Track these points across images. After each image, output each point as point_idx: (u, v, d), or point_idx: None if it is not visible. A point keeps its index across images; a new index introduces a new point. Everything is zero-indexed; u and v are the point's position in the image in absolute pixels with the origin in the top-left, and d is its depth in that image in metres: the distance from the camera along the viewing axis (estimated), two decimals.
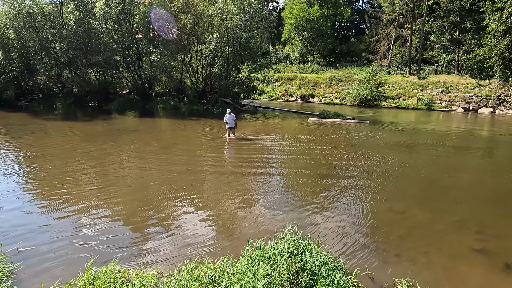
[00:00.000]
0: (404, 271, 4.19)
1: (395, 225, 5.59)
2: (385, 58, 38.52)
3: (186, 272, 3.63)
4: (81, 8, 21.43)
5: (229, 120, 12.25)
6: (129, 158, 9.70)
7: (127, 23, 21.70)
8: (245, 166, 9.07)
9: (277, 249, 3.94)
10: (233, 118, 12.29)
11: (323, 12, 39.53)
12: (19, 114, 19.81)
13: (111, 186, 7.25)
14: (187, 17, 21.40)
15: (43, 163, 8.96)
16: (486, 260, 4.55)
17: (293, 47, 45.10)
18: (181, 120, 18.13)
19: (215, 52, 21.75)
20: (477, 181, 8.26)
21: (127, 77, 24.91)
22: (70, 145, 11.27)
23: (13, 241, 4.74)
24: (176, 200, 6.51)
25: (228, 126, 12.42)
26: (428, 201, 6.73)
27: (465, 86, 27.76)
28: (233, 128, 12.47)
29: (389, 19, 35.45)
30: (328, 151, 10.89)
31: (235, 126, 12.53)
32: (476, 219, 5.89)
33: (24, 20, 20.83)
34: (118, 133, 13.82)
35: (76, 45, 21.62)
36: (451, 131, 15.92)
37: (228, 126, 12.43)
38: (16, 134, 13.36)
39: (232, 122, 12.31)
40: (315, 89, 33.73)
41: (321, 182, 7.68)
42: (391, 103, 28.42)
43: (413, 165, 9.54)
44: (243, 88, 25.70)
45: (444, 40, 32.51)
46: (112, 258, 4.24)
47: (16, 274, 4.02)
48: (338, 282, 3.48)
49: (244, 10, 22.54)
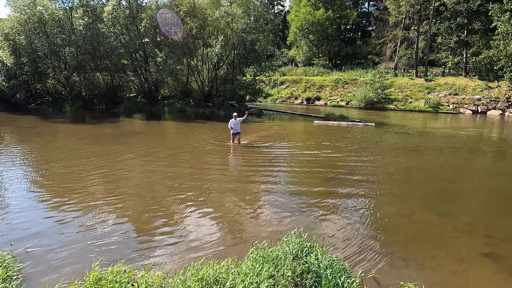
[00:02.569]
0: (411, 274, 4.14)
1: (402, 228, 5.54)
2: (392, 61, 38.26)
3: (191, 273, 3.65)
4: (90, 13, 21.85)
5: (235, 125, 11.45)
6: (135, 160, 9.81)
7: (135, 27, 22.04)
8: (250, 170, 9.09)
9: (281, 251, 3.93)
10: (239, 123, 11.53)
11: (328, 15, 39.52)
12: (29, 116, 20.21)
13: (118, 187, 7.34)
14: (193, 20, 21.63)
15: (51, 165, 9.12)
16: (495, 264, 4.47)
17: (298, 50, 45.12)
18: (187, 123, 18.26)
19: (221, 55, 21.90)
20: (485, 185, 8.13)
21: (134, 81, 25.24)
22: (79, 147, 11.44)
23: (22, 241, 4.83)
24: (182, 202, 6.55)
25: (232, 132, 11.60)
26: (436, 204, 6.65)
27: (473, 88, 27.38)
28: (237, 134, 11.70)
29: (395, 21, 35.22)
30: (333, 154, 10.84)
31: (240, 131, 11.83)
32: (485, 223, 5.79)
33: (35, 25, 21.31)
34: (125, 136, 13.99)
35: (85, 49, 22.00)
36: (459, 134, 15.70)
37: (232, 132, 11.62)
38: (26, 137, 13.63)
39: (237, 127, 11.55)
40: (321, 91, 33.66)
41: (326, 185, 7.64)
42: (397, 105, 28.18)
43: (421, 168, 9.43)
44: (248, 91, 25.78)
45: (451, 42, 32.15)
46: (118, 259, 4.29)
47: (25, 273, 4.09)
48: (342, 284, 3.46)
49: (249, 13, 22.68)
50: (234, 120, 11.41)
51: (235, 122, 11.41)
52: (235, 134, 11.60)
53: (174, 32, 21.48)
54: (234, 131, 11.54)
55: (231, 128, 11.49)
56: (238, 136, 11.70)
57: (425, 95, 28.23)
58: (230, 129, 11.60)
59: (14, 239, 4.89)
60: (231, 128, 11.47)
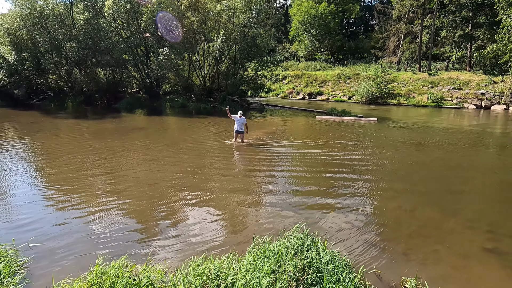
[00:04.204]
0: (413, 269, 4.13)
1: (403, 223, 5.51)
2: (395, 55, 37.87)
3: (192, 268, 3.65)
4: (91, 8, 21.73)
5: (238, 123, 10.95)
6: (137, 155, 9.82)
7: (136, 22, 21.91)
8: (251, 166, 9.09)
9: (282, 246, 3.93)
10: (243, 122, 10.96)
11: (331, 9, 39.11)
12: (31, 112, 20.26)
13: (120, 183, 7.35)
14: (194, 15, 21.46)
15: (53, 160, 9.15)
16: (498, 260, 4.44)
17: (300, 45, 44.77)
18: (189, 118, 18.24)
19: (222, 50, 21.76)
20: (489, 180, 8.07)
21: (136, 76, 25.18)
22: (81, 143, 11.46)
23: (24, 236, 4.85)
24: (183, 198, 6.56)
25: (236, 130, 11.10)
26: (438, 199, 6.61)
27: (477, 83, 27.09)
28: (241, 133, 11.17)
29: (399, 14, 34.75)
30: (335, 149, 10.80)
31: (245, 131, 11.19)
32: (488, 218, 5.75)
33: (36, 20, 21.21)
34: (127, 131, 14.00)
35: (86, 44, 21.93)
36: (462, 129, 15.58)
37: (236, 130, 11.11)
38: (28, 132, 13.66)
39: (241, 126, 11.01)
40: (323, 86, 33.45)
41: (328, 180, 7.62)
42: (400, 100, 27.98)
43: (423, 163, 9.38)
44: (250, 86, 25.66)
45: (455, 36, 31.73)
46: (121, 254, 4.30)
47: (28, 268, 4.12)
48: (344, 279, 3.45)
49: (251, 7, 22.45)
50: (238, 117, 10.94)
51: (239, 119, 10.93)
52: (238, 132, 11.17)
53: (174, 31, 21.33)
54: (238, 129, 11.11)
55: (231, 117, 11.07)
56: (241, 135, 11.25)
57: (428, 90, 27.97)
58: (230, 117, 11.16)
59: (16, 234, 4.91)
60: (233, 119, 11.01)
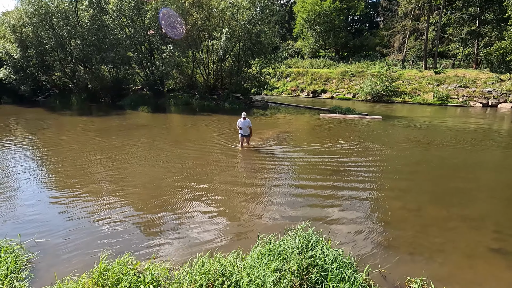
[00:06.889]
0: (418, 269, 4.10)
1: (408, 223, 5.47)
2: (400, 52, 37.44)
3: (197, 266, 3.66)
4: (95, 5, 21.77)
5: (243, 126, 10.30)
6: (141, 153, 9.86)
7: (140, 19, 21.91)
8: (256, 165, 9.08)
9: (287, 245, 3.92)
10: (248, 125, 10.32)
11: (336, 6, 38.71)
12: (36, 109, 20.44)
13: (125, 180, 7.39)
14: (198, 12, 21.40)
15: (59, 157, 9.22)
16: (504, 260, 4.40)
17: (304, 42, 44.44)
18: (193, 116, 18.26)
19: (226, 47, 21.68)
20: (495, 179, 7.97)
21: (140, 73, 25.24)
22: (85, 140, 11.54)
23: (30, 233, 4.90)
24: (188, 196, 6.57)
25: (241, 133, 10.44)
26: (444, 199, 6.55)
27: (484, 81, 26.71)
28: (247, 136, 10.60)
29: (405, 11, 34.30)
30: (340, 148, 10.74)
31: (250, 134, 10.61)
32: (494, 218, 5.68)
33: (41, 17, 21.32)
34: (131, 129, 14.05)
35: (91, 41, 22.02)
36: (468, 127, 15.40)
37: (241, 134, 10.46)
38: (33, 129, 13.78)
39: (246, 129, 10.40)
40: (327, 84, 33.23)
41: (332, 179, 7.58)
42: (405, 98, 27.69)
43: (428, 162, 9.29)
44: (254, 83, 25.56)
45: (462, 33, 31.26)
46: (125, 251, 4.33)
47: (34, 263, 4.16)
48: (348, 279, 3.43)
49: (255, 4, 22.31)
50: (243, 120, 10.28)
51: (244, 122, 10.28)
52: (244, 136, 10.57)
53: (178, 29, 21.29)
54: (243, 133, 10.49)
55: (239, 128, 10.42)
56: (247, 138, 10.71)
57: (434, 87, 27.64)
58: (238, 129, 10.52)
59: (23, 230, 4.96)
60: (240, 129, 10.40)
